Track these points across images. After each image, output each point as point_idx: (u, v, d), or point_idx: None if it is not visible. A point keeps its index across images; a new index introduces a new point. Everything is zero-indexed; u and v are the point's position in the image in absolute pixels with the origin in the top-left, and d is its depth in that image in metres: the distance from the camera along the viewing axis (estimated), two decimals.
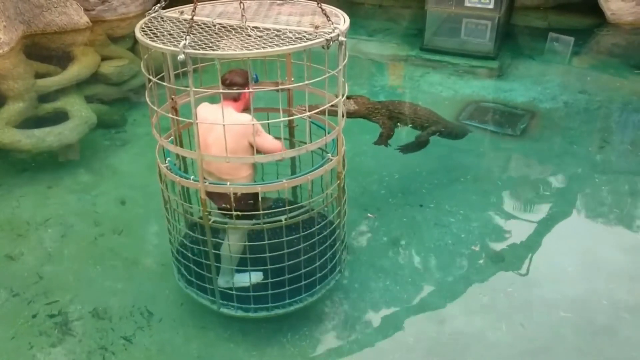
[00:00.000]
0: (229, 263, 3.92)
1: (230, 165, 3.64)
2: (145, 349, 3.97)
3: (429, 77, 8.41)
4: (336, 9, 3.58)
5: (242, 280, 3.92)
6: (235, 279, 3.94)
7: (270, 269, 3.68)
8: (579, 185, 5.86)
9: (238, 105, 3.65)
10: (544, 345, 3.98)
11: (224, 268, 3.93)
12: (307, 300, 3.93)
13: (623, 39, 9.98)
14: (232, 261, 3.92)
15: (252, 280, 3.86)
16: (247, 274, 3.87)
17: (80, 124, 6.59)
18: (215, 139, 3.55)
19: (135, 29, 3.37)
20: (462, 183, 5.77)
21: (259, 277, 3.94)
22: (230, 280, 3.92)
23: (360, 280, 4.53)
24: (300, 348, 3.96)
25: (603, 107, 7.42)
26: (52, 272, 4.64)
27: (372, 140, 5.99)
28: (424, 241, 4.97)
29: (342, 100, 3.47)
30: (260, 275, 3.93)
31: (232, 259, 3.90)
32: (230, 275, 3.96)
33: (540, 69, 8.70)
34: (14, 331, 4.10)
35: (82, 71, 8.06)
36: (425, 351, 3.96)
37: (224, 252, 3.87)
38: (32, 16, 9.62)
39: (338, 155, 3.65)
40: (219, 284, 3.88)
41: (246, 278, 3.87)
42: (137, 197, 5.60)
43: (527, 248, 4.92)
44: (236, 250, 3.86)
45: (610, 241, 5.01)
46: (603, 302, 4.32)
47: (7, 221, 5.25)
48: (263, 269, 3.80)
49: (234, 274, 3.97)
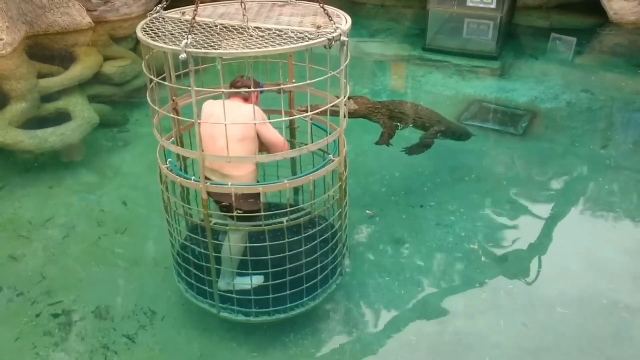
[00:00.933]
0: (229, 265, 3.90)
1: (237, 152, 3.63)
2: (148, 349, 3.98)
3: (431, 76, 8.41)
4: (338, 9, 3.58)
5: (243, 283, 3.92)
6: (236, 282, 3.94)
7: (271, 272, 3.67)
8: (581, 185, 5.86)
9: (248, 102, 3.68)
10: (546, 345, 3.98)
11: (224, 270, 3.92)
12: (309, 305, 3.91)
13: (625, 39, 9.97)
14: (232, 263, 3.90)
15: (253, 283, 3.85)
16: (248, 276, 3.85)
17: (82, 124, 6.61)
18: (223, 130, 3.39)
19: (137, 29, 3.38)
20: (464, 182, 5.77)
21: (260, 280, 3.93)
22: (230, 282, 3.92)
23: (363, 279, 4.54)
24: (303, 348, 3.97)
25: (605, 107, 7.41)
26: (55, 272, 4.66)
27: (374, 140, 5.99)
28: (426, 241, 4.97)
29: (342, 101, 3.47)
30: (261, 278, 3.92)
31: (233, 261, 3.89)
32: (231, 277, 3.95)
33: (543, 68, 8.69)
34: (18, 331, 4.12)
35: (84, 71, 8.08)
36: (427, 350, 3.96)
37: (225, 254, 3.85)
38: (35, 17, 9.65)
39: (340, 157, 3.65)
40: (220, 287, 3.87)
41: (247, 280, 3.86)
42: (139, 197, 5.62)
43: (530, 247, 4.92)
44: (237, 252, 3.84)
45: (613, 241, 5.00)
46: (605, 302, 4.31)
47: (10, 221, 5.26)
48: (264, 272, 3.79)
49: (234, 277, 3.96)
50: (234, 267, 3.94)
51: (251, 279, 3.82)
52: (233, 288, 3.85)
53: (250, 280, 3.82)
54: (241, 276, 3.96)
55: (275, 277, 3.72)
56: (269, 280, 3.74)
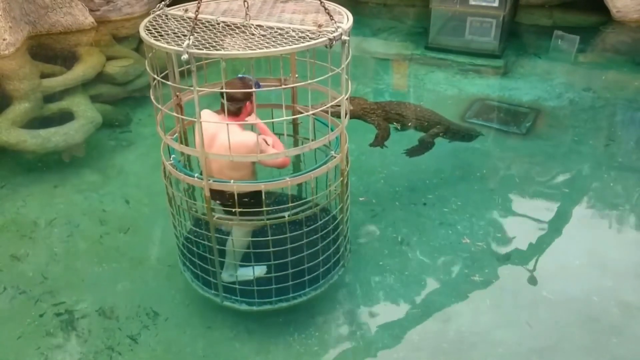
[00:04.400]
0: (232, 258, 3.94)
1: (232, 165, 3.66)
2: (151, 349, 3.98)
3: (433, 75, 8.39)
4: (340, 7, 3.57)
5: (246, 274, 3.93)
6: (239, 273, 3.96)
7: (274, 264, 3.70)
8: (585, 184, 5.84)
9: (241, 118, 3.65)
10: (551, 344, 3.97)
11: (228, 263, 3.95)
12: (311, 294, 3.94)
13: (629, 37, 9.92)
14: (235, 256, 3.94)
15: (256, 274, 3.88)
16: (250, 267, 3.88)
17: (85, 124, 6.61)
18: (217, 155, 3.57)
19: (139, 27, 3.38)
20: (468, 181, 5.75)
21: (263, 270, 3.95)
22: (234, 274, 3.94)
23: (365, 279, 4.53)
24: (307, 347, 3.96)
25: (609, 105, 7.38)
26: (59, 272, 4.66)
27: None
28: (429, 240, 4.96)
29: (343, 99, 3.47)
30: (264, 269, 3.94)
31: (236, 254, 3.93)
32: (234, 269, 3.97)
33: (546, 67, 8.66)
34: (22, 331, 4.12)
35: (87, 71, 8.08)
36: (430, 349, 3.95)
37: (229, 247, 3.89)
38: (38, 17, 9.65)
39: (341, 153, 3.65)
40: (223, 278, 3.89)
41: (250, 272, 3.88)
42: (142, 197, 5.62)
43: (533, 246, 4.90)
44: (240, 246, 3.88)
45: (617, 239, 4.98)
46: (609, 301, 4.30)
47: (13, 221, 5.27)
48: (267, 264, 3.82)
49: (237, 268, 3.99)
50: (237, 260, 3.97)
51: (254, 270, 3.85)
52: (236, 280, 3.89)
53: (253, 271, 3.85)
54: (244, 267, 3.99)
55: (278, 269, 3.74)
56: (271, 272, 3.77)
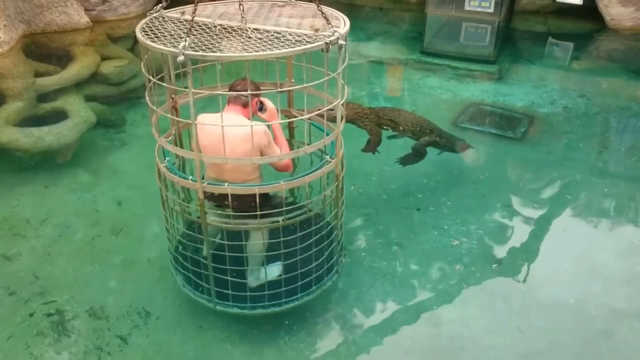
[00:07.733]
0: (254, 263, 3.98)
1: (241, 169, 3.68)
2: (142, 350, 3.96)
3: (428, 80, 8.42)
4: (337, 11, 3.58)
5: (273, 274, 3.99)
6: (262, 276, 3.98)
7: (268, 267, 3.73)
8: (577, 190, 5.87)
9: (247, 112, 3.69)
10: (541, 349, 3.98)
11: (251, 268, 3.98)
12: (304, 299, 3.94)
13: (622, 44, 10.00)
14: (257, 260, 3.98)
15: (278, 272, 3.93)
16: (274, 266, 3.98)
17: (79, 124, 6.59)
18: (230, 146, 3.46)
19: (136, 29, 3.38)
20: (462, 186, 5.77)
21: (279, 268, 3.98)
22: (259, 277, 3.97)
23: (358, 282, 4.53)
24: (298, 350, 3.96)
25: (602, 112, 7.43)
26: (50, 272, 4.64)
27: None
28: (422, 244, 4.97)
29: (339, 104, 3.48)
30: (280, 266, 3.96)
31: (257, 258, 3.97)
32: (258, 272, 4.00)
33: (540, 73, 8.71)
34: (11, 330, 4.10)
35: (81, 71, 8.05)
36: (422, 354, 3.96)
37: (249, 252, 3.91)
38: (33, 15, 9.62)
39: (336, 158, 3.65)
40: (250, 284, 3.92)
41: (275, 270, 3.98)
42: (135, 198, 5.60)
43: (525, 252, 4.92)
44: (259, 250, 3.94)
45: (608, 246, 5.01)
46: (600, 307, 4.32)
47: (5, 220, 5.24)
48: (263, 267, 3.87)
49: (261, 271, 4.01)
50: (259, 264, 4.00)
51: (266, 270, 3.91)
52: (265, 282, 3.90)
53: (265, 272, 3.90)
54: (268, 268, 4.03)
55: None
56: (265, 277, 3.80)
